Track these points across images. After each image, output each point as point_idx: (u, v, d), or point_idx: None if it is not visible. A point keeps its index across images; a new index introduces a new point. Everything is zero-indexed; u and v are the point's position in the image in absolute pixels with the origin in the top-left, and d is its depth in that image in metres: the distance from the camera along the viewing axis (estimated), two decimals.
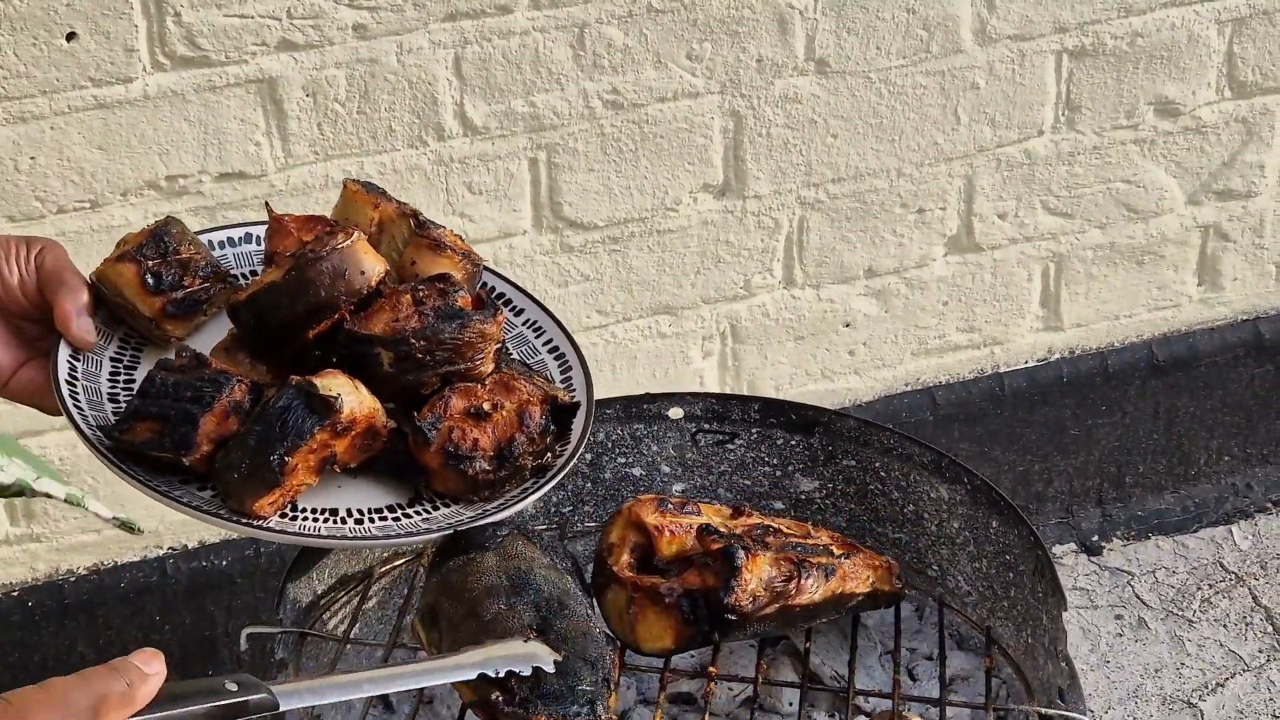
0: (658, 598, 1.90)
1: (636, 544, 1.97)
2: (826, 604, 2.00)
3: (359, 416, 1.69)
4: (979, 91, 2.96)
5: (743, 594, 1.90)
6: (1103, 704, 3.04)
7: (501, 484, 1.75)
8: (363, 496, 1.73)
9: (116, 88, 2.54)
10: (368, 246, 1.78)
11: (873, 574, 2.06)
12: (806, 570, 1.96)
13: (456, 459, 1.73)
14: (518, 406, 1.77)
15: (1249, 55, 3.08)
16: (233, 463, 1.65)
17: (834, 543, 2.06)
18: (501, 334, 1.80)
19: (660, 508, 1.98)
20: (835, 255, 3.00)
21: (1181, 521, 3.41)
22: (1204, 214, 3.20)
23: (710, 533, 1.93)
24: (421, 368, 1.75)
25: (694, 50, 2.78)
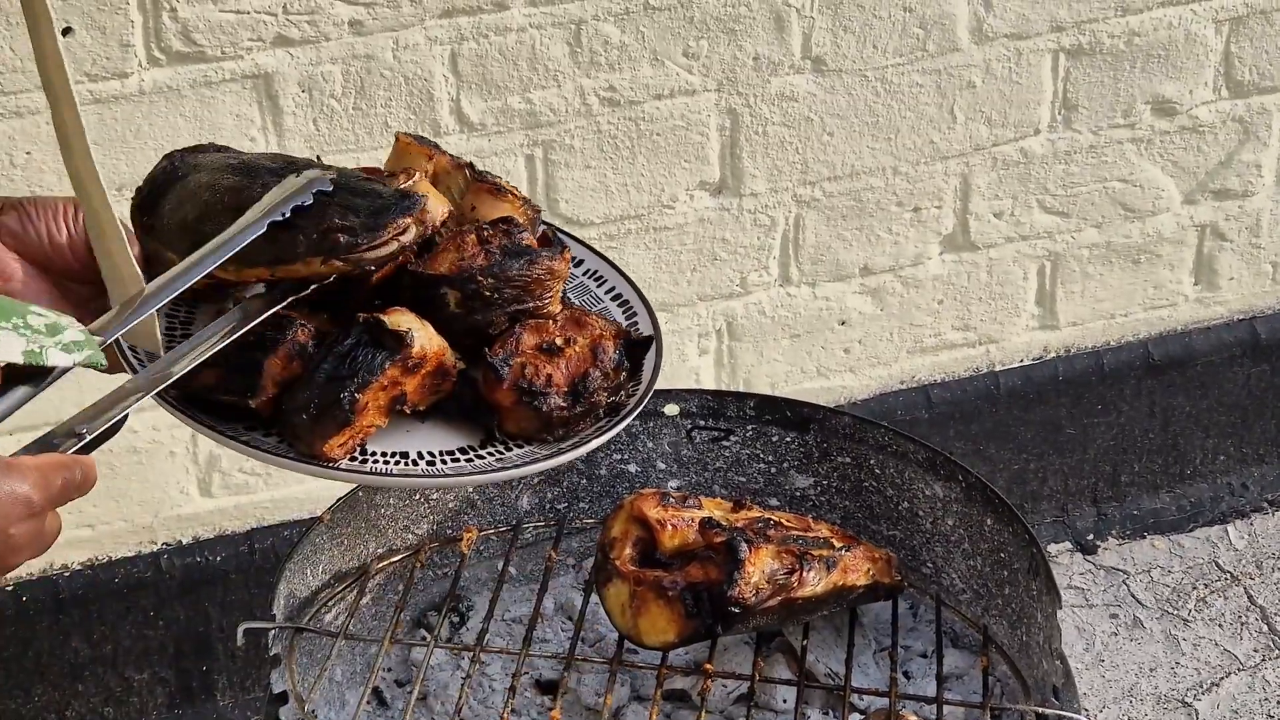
0: (661, 591, 1.90)
1: (638, 538, 1.96)
2: (828, 596, 2.01)
3: (429, 353, 1.65)
4: (975, 90, 2.96)
5: (746, 586, 1.90)
6: (1098, 703, 3.04)
7: (576, 421, 1.70)
8: (433, 440, 1.68)
9: (112, 83, 2.54)
10: (429, 187, 1.74)
11: (873, 566, 2.07)
12: (808, 563, 1.96)
13: (530, 395, 1.68)
14: (591, 341, 1.73)
15: (1246, 55, 3.08)
16: (300, 404, 1.61)
17: (834, 536, 2.06)
18: (568, 271, 1.76)
19: (662, 502, 1.97)
20: (831, 253, 3.00)
21: (1177, 521, 3.41)
22: (1200, 213, 3.20)
23: (713, 526, 1.93)
24: (489, 306, 1.70)
25: (690, 48, 2.78)
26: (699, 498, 2.02)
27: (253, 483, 2.84)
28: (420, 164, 1.80)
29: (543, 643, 2.27)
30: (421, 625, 2.33)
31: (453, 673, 2.23)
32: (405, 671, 2.26)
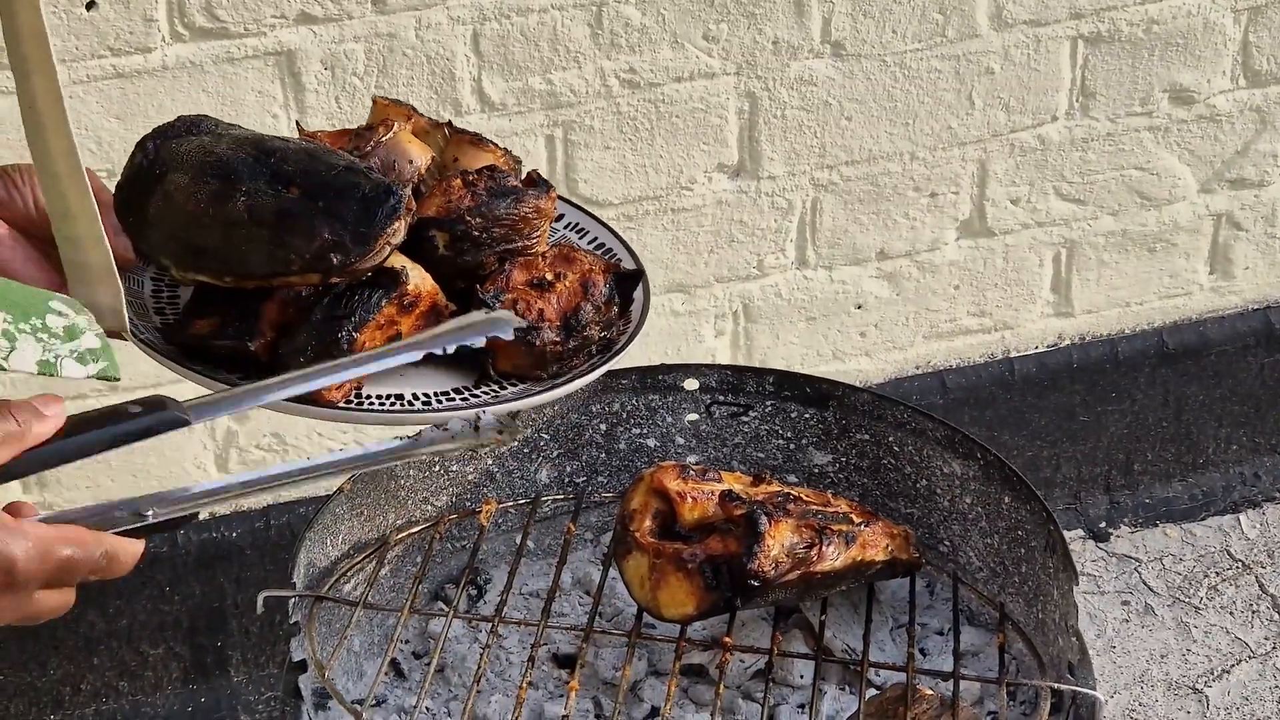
0: (680, 564, 1.90)
1: (658, 510, 1.97)
2: (847, 571, 2.01)
3: (423, 291, 1.65)
4: (994, 76, 2.97)
5: (766, 560, 1.90)
6: (1109, 689, 3.04)
7: (569, 356, 1.71)
8: (428, 381, 1.68)
9: (135, 57, 2.55)
10: (410, 136, 1.76)
11: (891, 542, 2.07)
12: (828, 537, 1.96)
13: (523, 331, 1.68)
14: (580, 276, 1.74)
15: (1264, 44, 3.09)
16: (298, 347, 1.62)
17: (853, 511, 2.06)
18: (554, 210, 1.77)
19: (682, 475, 1.97)
20: (848, 237, 3.01)
21: (1189, 509, 3.41)
22: (1216, 202, 3.21)
23: (733, 499, 1.94)
24: (478, 246, 1.71)
25: (711, 31, 2.78)
26: (719, 471, 2.03)
27: (270, 458, 2.85)
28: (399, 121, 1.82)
29: (560, 616, 2.28)
30: (439, 598, 2.33)
31: (470, 645, 2.24)
32: (422, 643, 2.27)
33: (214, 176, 1.64)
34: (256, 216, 1.60)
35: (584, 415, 2.32)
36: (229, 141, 1.67)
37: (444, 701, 2.19)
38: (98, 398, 2.64)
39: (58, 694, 2.90)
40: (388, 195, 1.61)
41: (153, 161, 1.68)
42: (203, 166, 1.65)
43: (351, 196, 1.61)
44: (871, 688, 2.14)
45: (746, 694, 2.19)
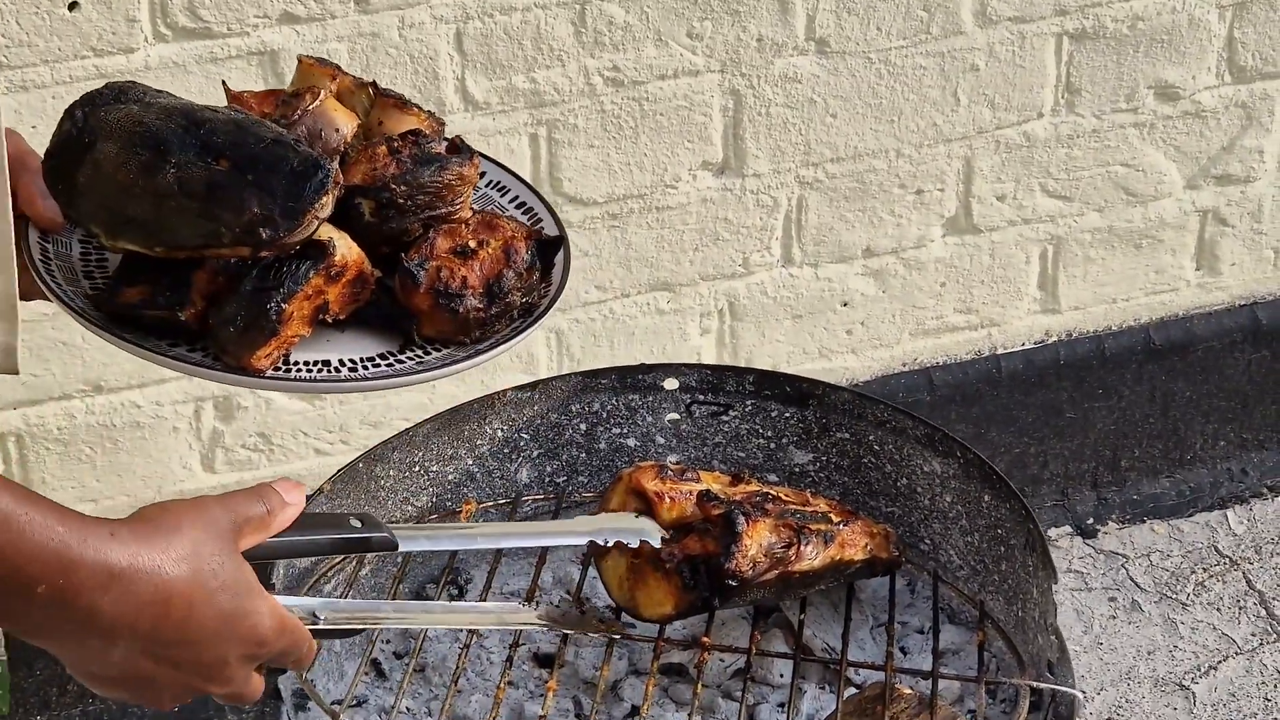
0: (658, 564, 1.90)
1: (636, 510, 1.97)
2: (825, 571, 2.01)
3: (350, 260, 1.68)
4: (979, 73, 2.97)
5: (743, 560, 1.91)
6: (1095, 685, 3.04)
7: (492, 322, 1.74)
8: (354, 347, 1.72)
9: (118, 58, 2.55)
10: (336, 104, 1.78)
11: (870, 541, 2.07)
12: (806, 537, 1.97)
13: (447, 298, 1.72)
14: (503, 243, 1.77)
15: (1249, 40, 3.09)
16: (228, 316, 1.64)
17: (832, 510, 2.07)
18: (478, 176, 1.80)
19: (660, 475, 1.98)
20: (833, 235, 3.01)
21: (1176, 505, 3.42)
22: (1202, 198, 3.21)
23: (711, 499, 1.94)
24: (403, 214, 1.74)
25: (694, 28, 2.79)
26: (697, 471, 2.03)
27: (255, 459, 2.85)
28: (324, 85, 1.84)
29: None
30: (420, 597, 2.33)
31: (451, 645, 2.24)
32: (404, 643, 2.27)
33: (144, 147, 1.64)
34: (186, 189, 1.62)
35: (564, 415, 2.32)
36: (158, 111, 1.68)
37: (425, 701, 2.19)
38: None
39: (44, 695, 2.90)
40: (316, 170, 1.63)
41: (81, 130, 1.68)
42: (132, 136, 1.65)
43: (280, 170, 1.62)
44: (851, 686, 2.14)
45: (727, 693, 2.19)
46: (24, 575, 1.30)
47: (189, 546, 1.38)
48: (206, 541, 1.40)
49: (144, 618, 1.35)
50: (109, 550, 1.33)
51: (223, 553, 1.41)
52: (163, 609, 1.36)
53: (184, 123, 1.66)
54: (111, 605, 1.34)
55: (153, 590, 1.35)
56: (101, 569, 1.32)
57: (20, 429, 2.73)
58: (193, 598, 1.37)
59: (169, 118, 1.67)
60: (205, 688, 1.44)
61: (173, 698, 1.44)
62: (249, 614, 1.42)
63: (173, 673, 1.41)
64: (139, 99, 1.71)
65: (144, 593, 1.35)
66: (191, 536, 1.39)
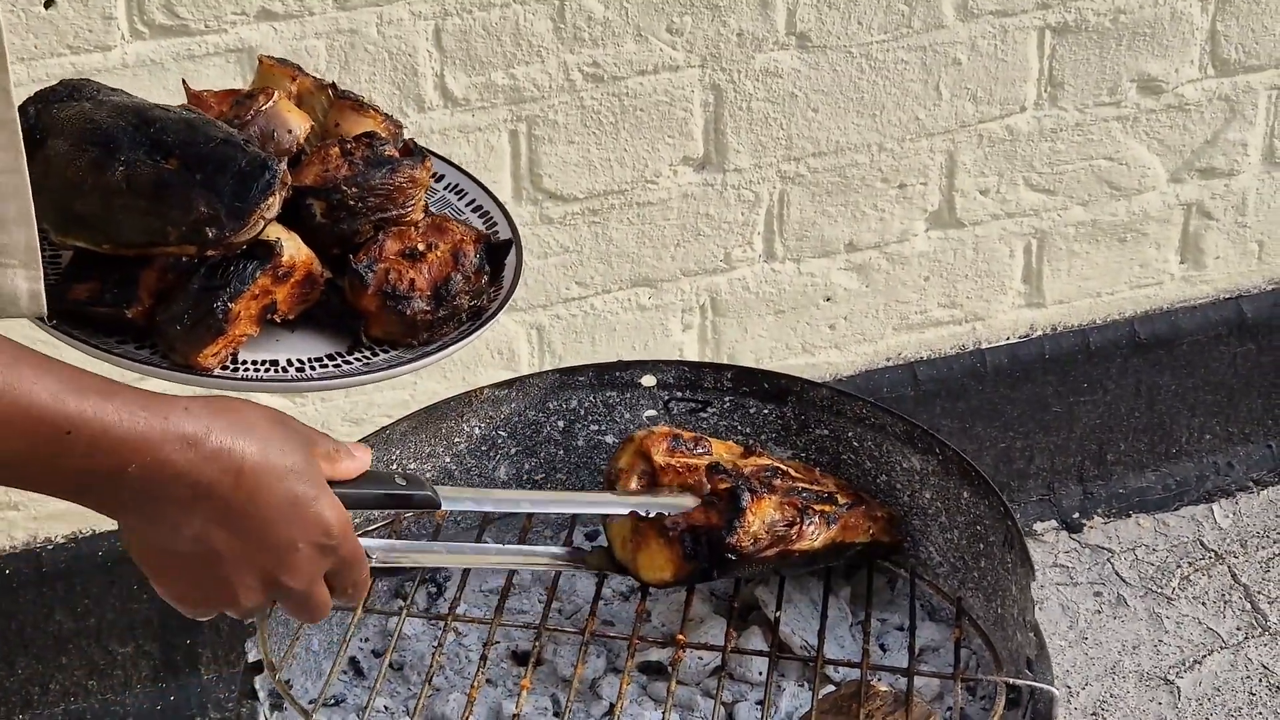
0: (662, 531, 1.93)
1: (644, 471, 2.00)
2: (825, 551, 2.05)
3: (298, 261, 1.69)
4: (961, 67, 2.96)
5: (745, 535, 1.94)
6: (1080, 680, 3.04)
7: (440, 324, 1.76)
8: (302, 347, 1.74)
9: (95, 56, 2.54)
10: (290, 105, 1.79)
11: (873, 525, 2.10)
12: (809, 517, 2.00)
13: (394, 300, 1.74)
14: (452, 246, 1.78)
15: (1232, 33, 3.08)
16: (175, 315, 1.65)
17: (839, 491, 2.09)
18: (430, 180, 1.81)
19: (672, 444, 2.01)
20: (816, 229, 3.01)
21: (1162, 499, 3.41)
22: (1186, 192, 3.21)
23: (719, 472, 1.96)
24: (354, 215, 1.75)
25: (674, 23, 2.78)
26: (709, 441, 2.05)
27: None
28: (284, 85, 1.85)
29: (520, 613, 2.27)
30: (399, 595, 2.33)
31: (430, 643, 2.23)
32: (383, 642, 2.27)
33: (94, 144, 1.65)
34: (135, 187, 1.62)
35: (541, 412, 2.32)
36: (110, 109, 1.69)
37: (403, 700, 2.19)
38: None
39: (26, 694, 2.90)
40: (263, 170, 1.64)
41: (33, 126, 1.68)
42: (83, 134, 1.66)
43: (228, 170, 1.63)
44: (829, 684, 2.13)
45: (706, 691, 2.19)
46: (118, 458, 1.37)
47: (263, 429, 1.45)
48: (279, 434, 1.46)
49: (219, 484, 1.41)
50: (185, 422, 1.40)
51: (294, 446, 1.47)
52: (234, 478, 1.42)
53: (135, 121, 1.67)
54: (190, 468, 1.40)
55: (228, 455, 1.41)
56: (180, 438, 1.39)
57: None
58: (261, 471, 1.43)
59: (120, 115, 1.67)
60: (277, 574, 1.48)
61: (245, 589, 1.48)
62: (317, 500, 1.47)
63: (245, 550, 1.46)
64: (91, 96, 1.71)
65: (219, 459, 1.41)
66: (266, 423, 1.46)
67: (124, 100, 1.71)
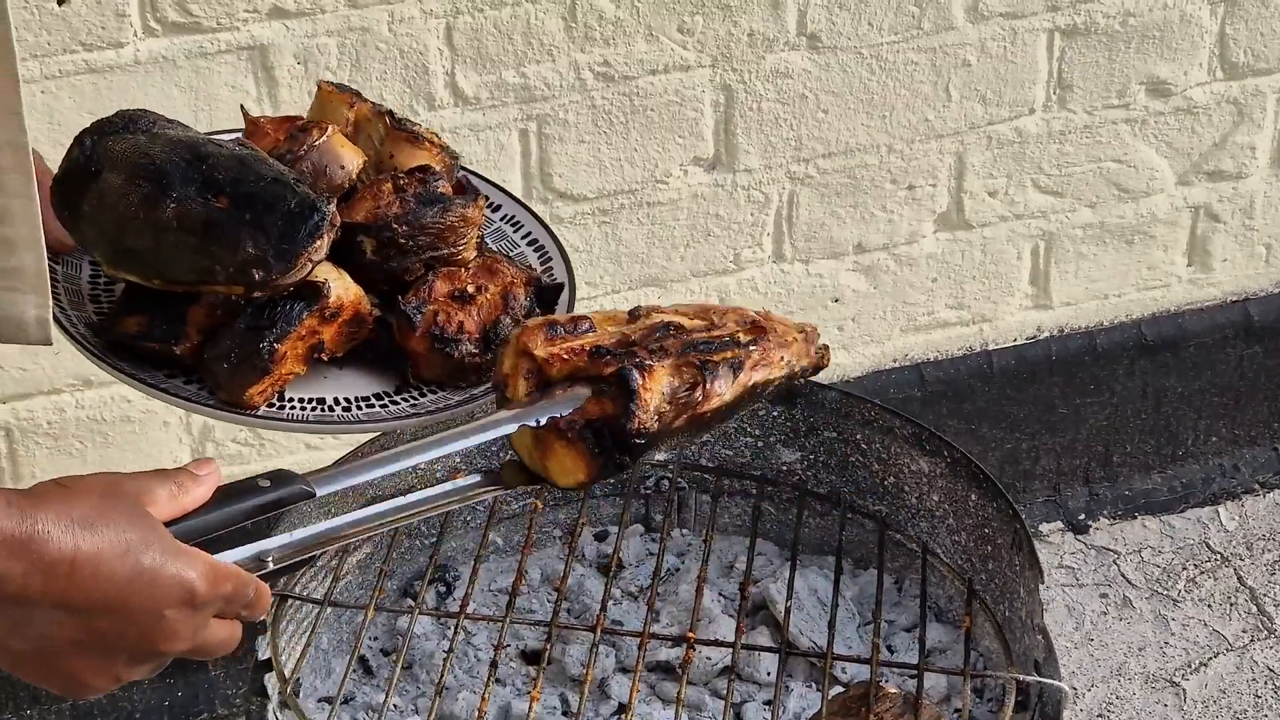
0: (561, 433, 1.75)
1: (530, 370, 1.80)
2: (740, 400, 1.83)
3: (345, 302, 1.68)
4: (970, 69, 2.97)
5: (645, 416, 1.75)
6: (1086, 681, 3.04)
7: (488, 367, 1.73)
8: (350, 385, 1.72)
9: (108, 52, 2.55)
10: (344, 140, 1.77)
11: (787, 353, 1.87)
12: (711, 372, 1.79)
13: (442, 342, 1.71)
14: (502, 289, 1.75)
15: (1241, 36, 3.09)
16: (222, 353, 1.64)
17: (741, 328, 1.87)
18: (483, 218, 1.78)
19: (549, 333, 1.80)
20: (825, 230, 3.01)
21: (1168, 501, 3.41)
22: (1194, 194, 3.21)
23: (602, 355, 1.78)
24: (404, 254, 1.73)
25: (685, 23, 2.78)
26: (588, 317, 1.84)
27: (246, 453, 2.85)
28: (341, 113, 1.83)
29: (529, 613, 2.28)
30: (408, 595, 2.34)
31: (439, 641, 2.24)
32: (391, 640, 2.27)
33: (147, 180, 1.64)
34: (185, 224, 1.61)
35: None
36: (165, 143, 1.68)
37: (412, 699, 2.20)
38: None
39: (34, 689, 2.90)
40: (312, 212, 1.62)
41: (89, 158, 1.68)
42: (136, 168, 1.65)
43: (277, 210, 1.62)
44: (837, 685, 2.14)
45: (715, 691, 2.20)
46: None
47: (93, 507, 1.33)
48: (113, 505, 1.35)
49: (53, 579, 1.30)
50: (4, 517, 1.29)
51: (131, 514, 1.35)
52: (68, 568, 1.30)
53: (188, 156, 1.66)
54: (17, 569, 1.29)
55: (56, 550, 1.30)
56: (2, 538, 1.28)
57: (10, 423, 2.72)
58: (99, 556, 1.32)
59: (173, 150, 1.66)
60: (154, 646, 1.37)
61: (126, 668, 1.38)
62: (165, 565, 1.35)
63: (108, 637, 1.34)
64: (147, 129, 1.70)
65: (47, 553, 1.30)
66: (94, 500, 1.34)
67: (179, 134, 1.70)
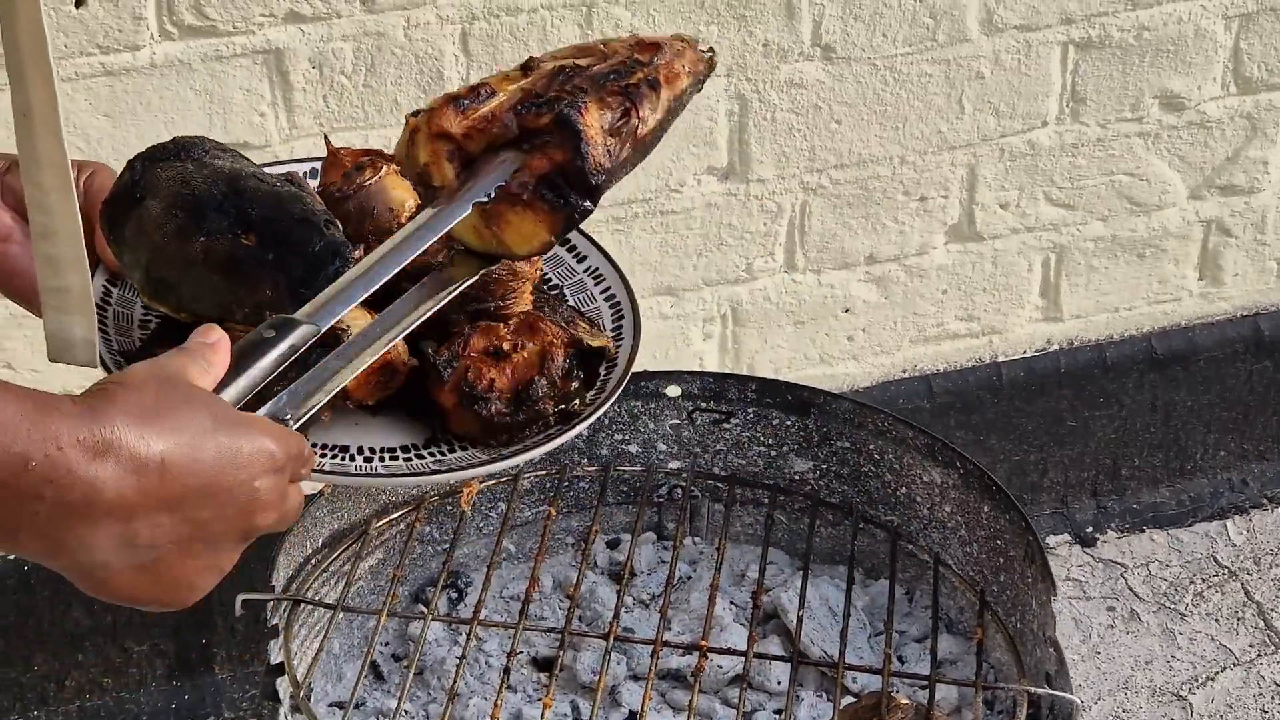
0: (513, 198, 1.67)
1: (451, 151, 1.73)
2: (668, 117, 1.76)
3: None
4: (984, 81, 2.97)
5: (598, 151, 1.68)
6: (1093, 694, 3.05)
7: (520, 428, 1.65)
8: (378, 435, 1.65)
9: (124, 55, 2.55)
10: (399, 180, 1.72)
11: (684, 61, 1.79)
12: (636, 94, 1.72)
13: (471, 399, 1.64)
14: (540, 348, 1.69)
15: (1255, 51, 3.09)
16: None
17: (633, 50, 1.80)
18: (537, 273, 1.72)
19: (457, 107, 1.72)
20: (837, 241, 3.01)
21: (1176, 515, 3.42)
22: (1206, 209, 3.21)
23: (531, 108, 1.70)
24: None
25: (700, 32, 2.78)
26: (487, 82, 1.77)
27: None
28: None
29: (540, 619, 2.28)
30: (420, 600, 2.34)
31: (450, 647, 2.24)
32: (402, 646, 2.27)
33: (183, 210, 1.61)
34: (211, 259, 1.58)
35: None
36: (208, 174, 1.65)
37: (423, 705, 2.20)
38: None
39: (42, 690, 2.90)
40: (333, 257, 1.58)
41: (135, 183, 1.65)
42: (176, 198, 1.62)
43: (300, 252, 1.57)
44: (849, 695, 2.14)
45: (726, 700, 2.20)
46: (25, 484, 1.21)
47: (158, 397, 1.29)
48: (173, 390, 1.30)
49: (146, 477, 1.25)
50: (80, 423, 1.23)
51: (193, 395, 1.31)
52: (159, 463, 1.26)
53: (225, 189, 1.62)
54: (106, 473, 1.23)
55: (143, 448, 1.25)
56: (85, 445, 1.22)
57: None
58: (184, 445, 1.28)
59: (214, 183, 1.63)
60: (252, 523, 1.32)
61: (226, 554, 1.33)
62: (245, 439, 1.31)
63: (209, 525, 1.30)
64: (197, 158, 1.67)
65: (137, 452, 1.25)
66: (155, 389, 1.29)
67: (225, 165, 1.67)
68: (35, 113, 1.42)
